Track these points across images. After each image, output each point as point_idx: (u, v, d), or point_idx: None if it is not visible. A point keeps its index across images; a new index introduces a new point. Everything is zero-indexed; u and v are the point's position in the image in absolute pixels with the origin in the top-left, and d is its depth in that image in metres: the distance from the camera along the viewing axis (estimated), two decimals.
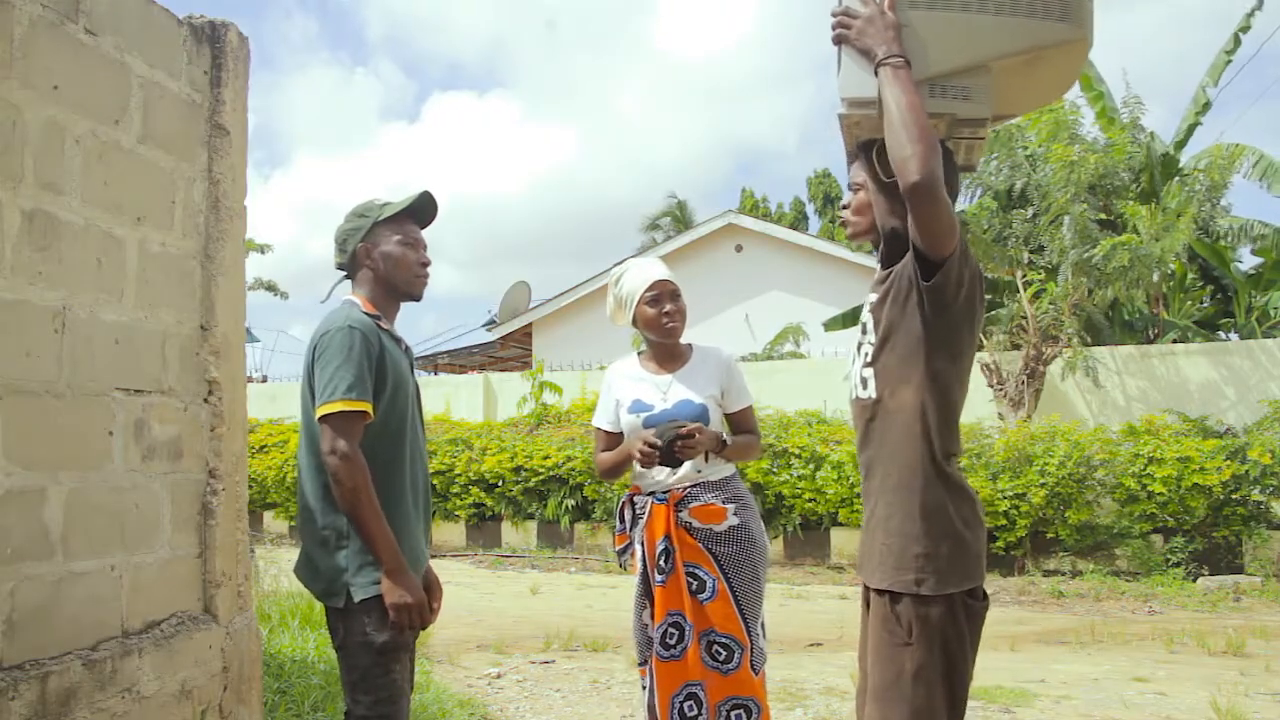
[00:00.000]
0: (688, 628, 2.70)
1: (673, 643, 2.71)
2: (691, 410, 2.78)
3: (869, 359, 1.95)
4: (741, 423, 2.91)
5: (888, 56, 1.79)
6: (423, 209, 2.39)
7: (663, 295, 2.83)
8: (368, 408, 2.13)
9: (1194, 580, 8.42)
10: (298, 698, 3.62)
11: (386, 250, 2.32)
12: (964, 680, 1.83)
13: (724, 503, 2.78)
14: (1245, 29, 12.70)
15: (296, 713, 3.53)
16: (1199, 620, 6.87)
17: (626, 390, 2.89)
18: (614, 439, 2.92)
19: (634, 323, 2.89)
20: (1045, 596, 8.09)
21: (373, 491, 2.10)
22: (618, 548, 2.92)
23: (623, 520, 2.88)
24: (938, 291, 1.81)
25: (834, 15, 1.90)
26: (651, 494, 2.80)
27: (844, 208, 2.11)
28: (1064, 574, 8.95)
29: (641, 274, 2.87)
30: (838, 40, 1.89)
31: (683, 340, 2.93)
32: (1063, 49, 1.86)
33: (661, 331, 2.85)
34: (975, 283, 1.86)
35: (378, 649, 2.13)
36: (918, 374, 1.85)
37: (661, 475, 2.79)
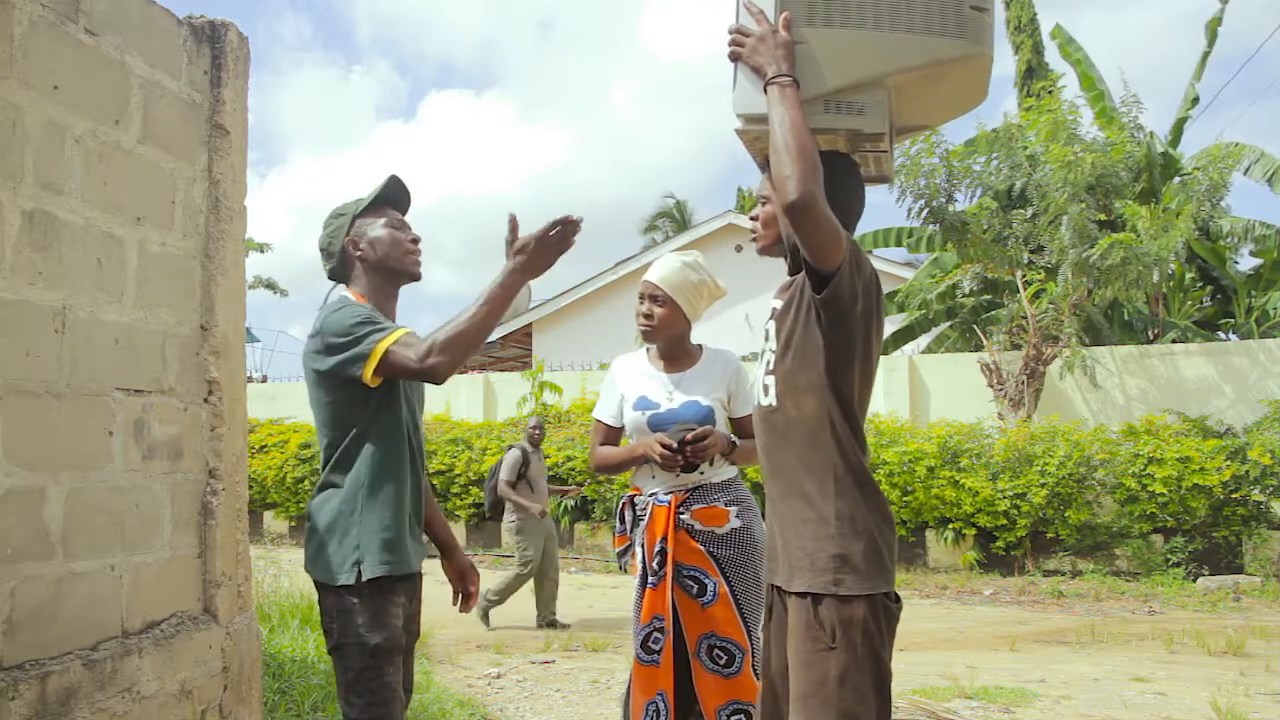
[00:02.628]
0: (664, 636, 2.68)
1: (656, 648, 2.68)
2: (698, 412, 2.75)
3: (770, 367, 1.97)
4: (746, 428, 2.85)
5: (775, 75, 1.83)
6: (397, 195, 2.38)
7: (644, 297, 2.83)
8: (404, 331, 2.13)
9: (1194, 580, 8.42)
10: (298, 698, 3.62)
11: (374, 236, 2.29)
12: (888, 680, 1.85)
13: (726, 504, 2.75)
14: (1218, 21, 12.77)
15: (296, 713, 3.53)
16: (1199, 620, 6.87)
17: (632, 386, 2.87)
18: (614, 433, 2.90)
19: None
20: (1045, 596, 8.10)
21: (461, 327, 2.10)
22: (618, 549, 2.91)
23: (623, 521, 2.86)
24: (831, 304, 1.85)
25: (729, 32, 1.93)
26: (653, 495, 2.77)
27: (753, 219, 2.14)
28: (1064, 574, 8.96)
29: (648, 271, 2.87)
30: (732, 57, 1.92)
31: (694, 340, 2.92)
32: (961, 64, 1.87)
33: (640, 333, 2.85)
34: (872, 293, 1.89)
35: (371, 650, 2.11)
36: (819, 382, 1.88)
37: (664, 476, 2.77)
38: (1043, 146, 10.30)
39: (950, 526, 9.37)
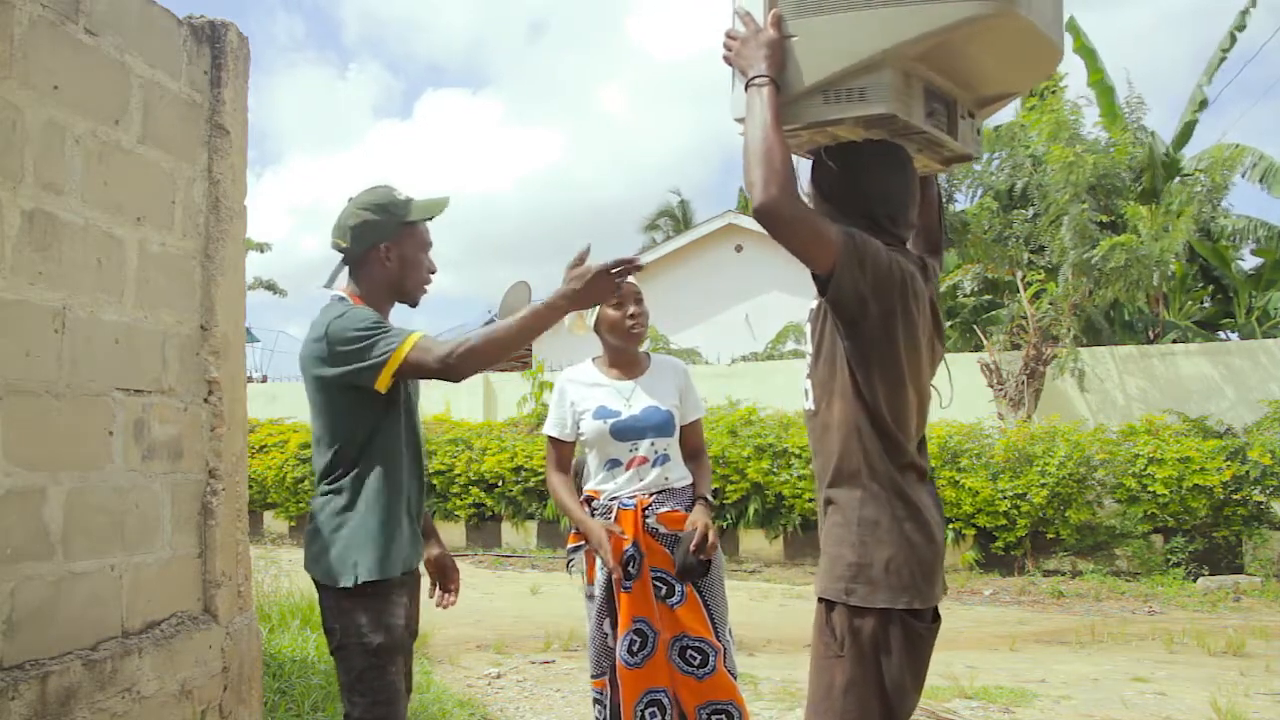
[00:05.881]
0: (652, 635, 2.68)
1: (637, 649, 2.68)
2: (659, 417, 2.80)
3: (808, 370, 1.95)
4: (691, 435, 2.91)
5: (753, 77, 1.80)
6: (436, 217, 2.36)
7: (626, 297, 2.82)
8: (419, 335, 2.11)
9: (1194, 580, 8.42)
10: (298, 698, 3.63)
11: (411, 257, 2.28)
12: (900, 699, 1.79)
13: (687, 509, 2.79)
14: (1241, 28, 12.75)
15: (296, 713, 3.54)
16: (1199, 620, 6.87)
17: (586, 396, 2.88)
18: (567, 448, 2.92)
19: (595, 328, 2.89)
20: (1045, 596, 8.09)
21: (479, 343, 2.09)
22: (569, 546, 2.89)
23: None
24: (836, 307, 1.81)
25: (725, 36, 1.91)
26: (614, 499, 2.78)
27: None
28: (1064, 574, 8.95)
29: None
30: (725, 61, 1.91)
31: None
32: (981, 25, 1.73)
33: (625, 335, 2.84)
34: (892, 295, 1.81)
35: (374, 650, 2.12)
36: (844, 386, 1.84)
37: (625, 483, 2.79)
38: (1044, 146, 10.30)
39: (950, 526, 9.36)
